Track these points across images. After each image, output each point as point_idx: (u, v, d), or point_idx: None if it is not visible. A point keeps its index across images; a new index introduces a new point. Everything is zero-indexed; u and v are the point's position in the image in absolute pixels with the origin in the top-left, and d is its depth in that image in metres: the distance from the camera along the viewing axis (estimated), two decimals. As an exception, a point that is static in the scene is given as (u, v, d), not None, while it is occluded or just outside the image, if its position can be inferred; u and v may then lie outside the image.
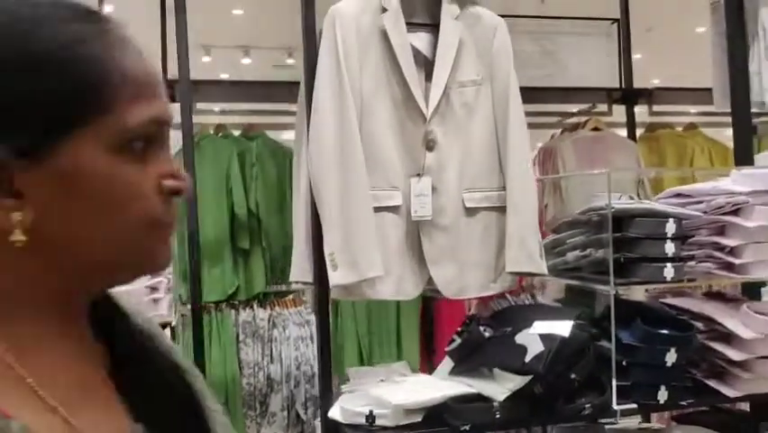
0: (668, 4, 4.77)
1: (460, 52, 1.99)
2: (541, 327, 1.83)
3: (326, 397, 1.97)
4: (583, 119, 3.93)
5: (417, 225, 1.98)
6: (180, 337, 2.94)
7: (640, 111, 4.19)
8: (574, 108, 4.15)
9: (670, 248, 1.91)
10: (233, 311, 3.13)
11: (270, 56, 6.11)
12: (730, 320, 2.02)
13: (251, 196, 3.16)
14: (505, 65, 2.03)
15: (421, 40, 2.01)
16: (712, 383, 2.03)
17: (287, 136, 4.03)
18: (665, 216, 1.92)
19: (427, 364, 3.12)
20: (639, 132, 4.13)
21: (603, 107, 4.13)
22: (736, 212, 2.01)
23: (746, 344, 1.95)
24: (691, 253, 2.01)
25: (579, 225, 2.13)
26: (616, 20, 4.08)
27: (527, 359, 1.76)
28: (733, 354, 1.98)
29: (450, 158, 1.99)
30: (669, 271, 1.91)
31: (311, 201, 1.95)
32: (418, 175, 1.96)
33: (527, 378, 1.77)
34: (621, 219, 1.93)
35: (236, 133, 3.34)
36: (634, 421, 2.32)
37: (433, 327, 3.37)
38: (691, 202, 2.07)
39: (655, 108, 4.28)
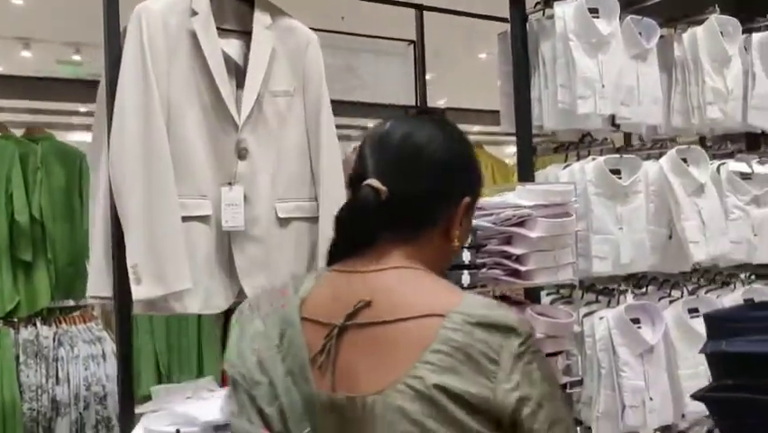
0: (454, 29, 5.12)
1: (272, 62, 1.99)
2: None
3: (127, 419, 1.85)
4: (382, 134, 4.10)
5: (228, 235, 1.94)
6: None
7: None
8: (373, 123, 4.32)
9: (466, 256, 2.06)
10: (11, 330, 2.82)
11: (54, 50, 5.62)
12: (517, 323, 2.21)
13: (35, 202, 2.89)
14: (317, 79, 2.05)
15: (232, 46, 1.97)
16: (502, 381, 2.20)
17: (72, 138, 3.73)
18: (463, 227, 2.06)
19: (230, 378, 3.06)
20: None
21: (400, 123, 4.34)
22: (521, 224, 2.22)
23: (531, 343, 2.15)
24: (483, 260, 2.17)
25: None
26: (412, 41, 4.31)
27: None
28: (520, 353, 2.17)
29: (262, 167, 1.97)
30: (465, 277, 2.05)
31: (111, 209, 1.83)
32: (229, 184, 1.92)
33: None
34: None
35: (18, 133, 3.03)
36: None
37: (235, 340, 3.32)
38: (484, 214, 2.24)
39: (446, 126, 4.59)
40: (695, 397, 1.20)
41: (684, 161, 2.64)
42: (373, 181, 1.00)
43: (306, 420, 0.96)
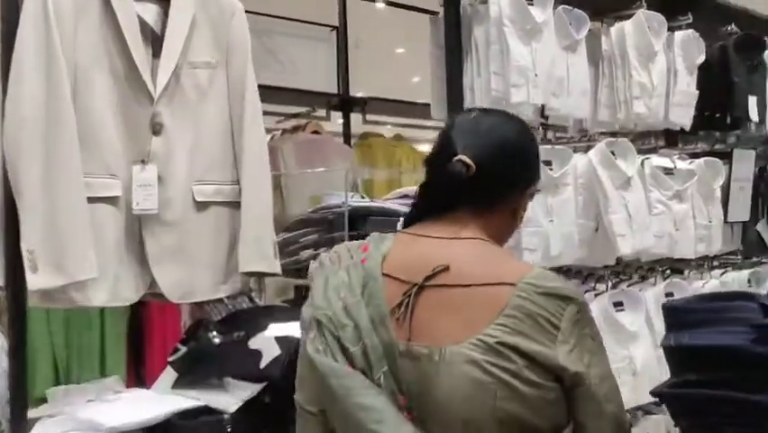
0: (373, 21, 5.02)
1: (193, 30, 1.81)
2: (277, 329, 1.73)
3: (19, 424, 1.64)
4: (303, 122, 3.95)
5: (139, 219, 1.75)
6: None
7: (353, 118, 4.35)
8: (294, 110, 4.14)
9: (400, 247, 1.95)
10: None
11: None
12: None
13: None
14: (242, 51, 1.89)
15: (148, 11, 1.78)
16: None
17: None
18: (397, 215, 1.95)
19: (136, 379, 2.82)
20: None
21: (322, 112, 4.20)
22: (455, 214, 2.13)
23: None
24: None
25: (312, 224, 2.08)
26: (335, 27, 4.17)
27: (263, 364, 1.65)
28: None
29: (179, 145, 1.79)
30: (399, 269, 1.95)
31: (4, 185, 1.61)
32: (142, 162, 1.73)
33: (262, 385, 1.65)
34: (355, 218, 1.92)
35: None
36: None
37: (142, 337, 3.07)
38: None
39: (368, 117, 4.48)
40: (654, 393, 1.13)
41: (612, 153, 2.63)
42: (464, 157, 1.14)
43: (384, 361, 1.07)
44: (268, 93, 3.69)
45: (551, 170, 2.48)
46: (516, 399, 1.03)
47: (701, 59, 3.17)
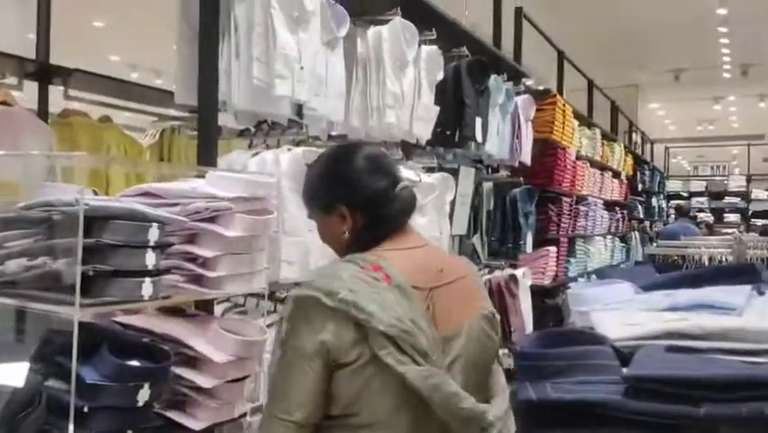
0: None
1: None
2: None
3: None
4: (-12, 89, 3.17)
5: None
6: None
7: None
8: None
9: (151, 259, 1.56)
10: None
11: None
12: (198, 341, 1.78)
13: None
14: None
15: None
16: (174, 415, 1.75)
17: None
18: (146, 219, 1.55)
19: None
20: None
21: (12, 80, 3.42)
22: (213, 219, 1.79)
23: (218, 368, 1.74)
24: (166, 263, 1.68)
25: (24, 225, 1.57)
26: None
27: (-44, 429, 1.15)
28: (202, 380, 1.74)
29: None
30: (148, 287, 1.55)
31: None
32: None
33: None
34: (91, 220, 1.48)
35: None
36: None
37: None
38: (165, 204, 1.75)
39: (71, 93, 3.79)
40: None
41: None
42: (409, 183, 1.50)
43: (440, 353, 1.37)
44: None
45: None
46: (498, 343, 1.46)
47: (441, 75, 3.23)
